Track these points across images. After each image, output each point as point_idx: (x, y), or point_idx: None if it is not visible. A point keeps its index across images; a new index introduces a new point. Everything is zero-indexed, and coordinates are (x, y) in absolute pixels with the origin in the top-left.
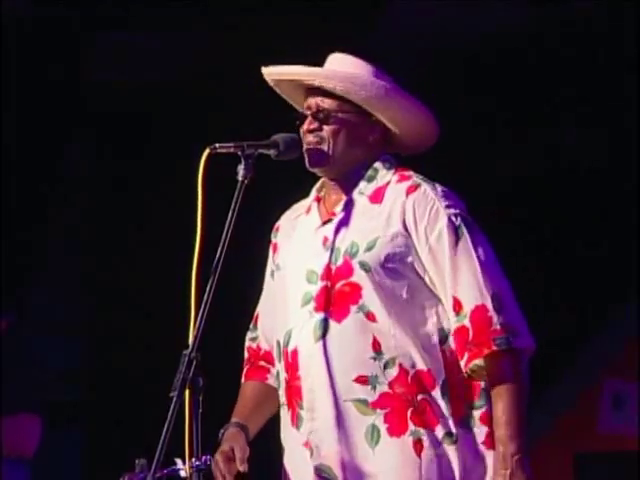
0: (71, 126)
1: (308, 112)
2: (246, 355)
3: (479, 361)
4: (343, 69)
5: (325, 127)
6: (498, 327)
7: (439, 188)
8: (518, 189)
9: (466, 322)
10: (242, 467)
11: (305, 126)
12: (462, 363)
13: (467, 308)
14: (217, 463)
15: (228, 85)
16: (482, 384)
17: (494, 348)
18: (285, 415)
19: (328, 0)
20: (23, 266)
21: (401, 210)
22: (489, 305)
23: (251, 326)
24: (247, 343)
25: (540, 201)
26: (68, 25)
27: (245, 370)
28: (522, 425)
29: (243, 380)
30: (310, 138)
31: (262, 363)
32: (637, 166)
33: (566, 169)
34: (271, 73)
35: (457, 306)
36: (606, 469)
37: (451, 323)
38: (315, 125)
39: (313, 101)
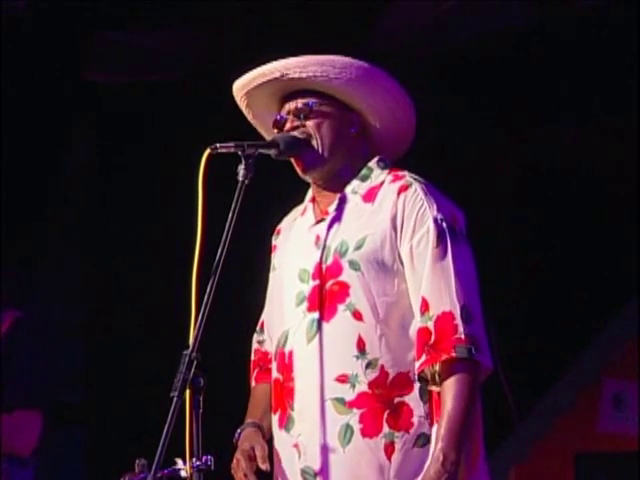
0: (71, 126)
1: (286, 115)
2: (253, 357)
3: (435, 367)
4: (316, 57)
5: (308, 123)
6: (462, 336)
7: (431, 190)
8: (518, 189)
9: (430, 324)
10: (264, 465)
11: (288, 125)
12: (416, 364)
13: (433, 311)
14: (239, 462)
15: (228, 85)
16: None
17: (453, 355)
18: (274, 417)
19: (328, 0)
20: (23, 266)
21: (392, 208)
22: (457, 314)
23: (258, 329)
24: (255, 345)
25: (540, 201)
26: (68, 25)
27: (255, 374)
28: (465, 433)
29: (254, 383)
30: (296, 135)
31: (271, 366)
32: (638, 166)
33: (566, 169)
34: (247, 81)
35: (424, 306)
36: (606, 469)
37: (415, 323)
38: (298, 122)
39: (292, 103)
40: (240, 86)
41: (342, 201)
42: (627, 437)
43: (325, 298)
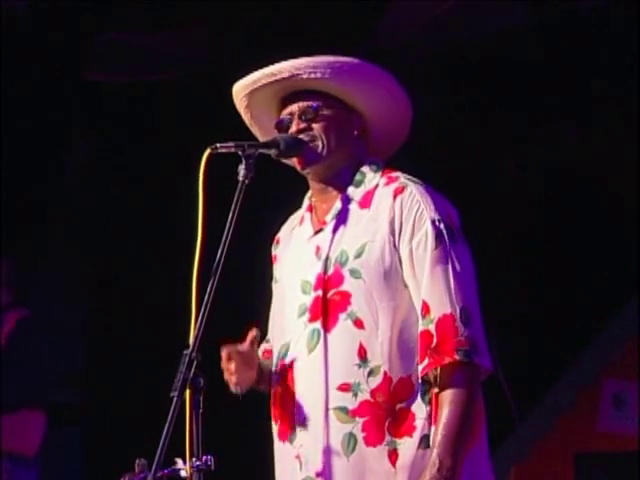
0: (71, 126)
1: (289, 117)
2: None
3: (436, 370)
4: (325, 58)
5: (314, 125)
6: (463, 339)
7: (426, 191)
8: (518, 189)
9: (431, 327)
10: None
11: (293, 128)
12: (420, 367)
13: (434, 314)
14: (228, 355)
15: (228, 85)
16: None
17: (456, 358)
18: (275, 429)
19: (328, 0)
20: (23, 266)
21: (389, 212)
22: (457, 316)
23: (267, 338)
24: (263, 347)
25: (540, 201)
26: (68, 25)
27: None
28: (462, 438)
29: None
30: (297, 136)
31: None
32: (638, 166)
33: (566, 169)
34: (250, 82)
35: (425, 310)
36: (606, 469)
37: (417, 326)
38: (304, 125)
39: (294, 105)
40: (243, 86)
41: (339, 210)
42: (627, 437)
43: (327, 308)
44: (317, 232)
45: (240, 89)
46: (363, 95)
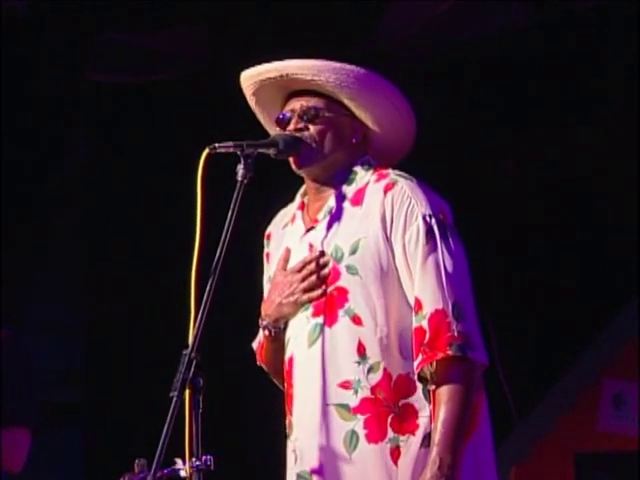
0: (71, 126)
1: (290, 114)
2: (256, 345)
3: (432, 366)
4: (332, 63)
5: (312, 127)
6: (455, 334)
7: (417, 186)
8: (518, 189)
9: (424, 323)
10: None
11: (291, 126)
12: (414, 364)
13: (427, 310)
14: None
15: (228, 85)
16: None
17: (449, 353)
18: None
19: (329, 1)
20: (23, 267)
21: (380, 208)
22: (449, 311)
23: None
24: (256, 343)
25: (540, 201)
26: (68, 25)
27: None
28: (461, 435)
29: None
30: (296, 135)
31: None
32: (638, 166)
33: (566, 169)
34: (256, 73)
35: (417, 306)
36: (606, 469)
37: (411, 323)
38: (301, 125)
39: (297, 102)
40: (248, 76)
41: (331, 207)
42: (627, 437)
43: (327, 304)
44: (309, 230)
45: (245, 79)
46: (367, 105)
